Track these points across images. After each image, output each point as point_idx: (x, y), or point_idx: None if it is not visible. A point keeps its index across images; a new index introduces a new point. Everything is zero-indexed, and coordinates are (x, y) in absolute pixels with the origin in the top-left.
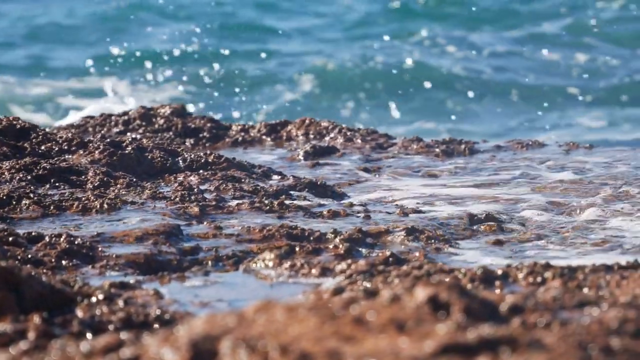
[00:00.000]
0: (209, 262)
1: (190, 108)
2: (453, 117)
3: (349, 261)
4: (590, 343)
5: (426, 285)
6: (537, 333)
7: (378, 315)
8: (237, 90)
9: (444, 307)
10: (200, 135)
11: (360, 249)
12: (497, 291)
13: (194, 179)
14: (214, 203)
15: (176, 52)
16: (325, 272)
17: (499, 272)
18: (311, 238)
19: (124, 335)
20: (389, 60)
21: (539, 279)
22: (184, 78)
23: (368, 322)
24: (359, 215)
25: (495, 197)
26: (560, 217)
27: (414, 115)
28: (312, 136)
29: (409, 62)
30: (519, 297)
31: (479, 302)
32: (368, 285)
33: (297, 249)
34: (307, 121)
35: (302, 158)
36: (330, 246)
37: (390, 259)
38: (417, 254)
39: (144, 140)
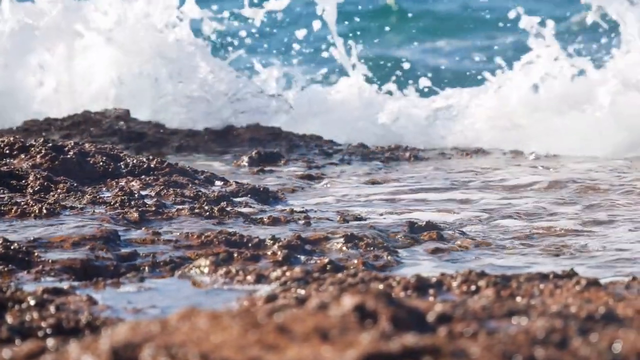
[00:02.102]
0: (146, 268)
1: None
2: None
3: (284, 268)
4: (515, 353)
5: (353, 293)
6: (462, 343)
7: (302, 323)
8: None
9: (371, 315)
10: (145, 140)
11: (298, 256)
12: (431, 299)
13: (135, 184)
14: (153, 209)
15: None
16: (261, 279)
17: (433, 280)
18: (250, 244)
19: (51, 342)
20: None
21: (473, 288)
22: None
23: (292, 331)
24: (299, 221)
25: (437, 205)
26: (502, 224)
27: None
28: (257, 142)
29: None
30: (447, 306)
31: (406, 310)
32: (302, 292)
33: (235, 255)
34: (253, 127)
35: (246, 164)
36: (269, 253)
37: (328, 266)
38: (355, 261)
39: (86, 145)
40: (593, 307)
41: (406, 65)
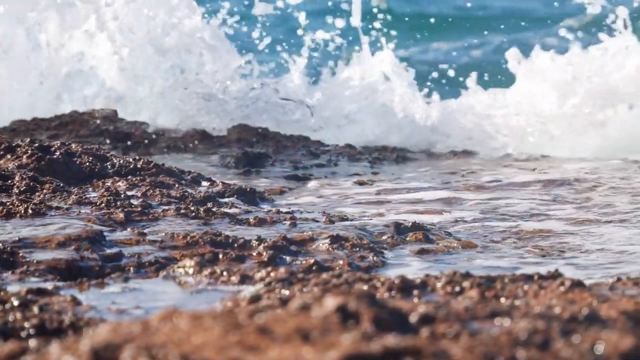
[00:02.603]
0: (131, 269)
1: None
2: None
3: (269, 269)
4: (497, 354)
5: (335, 294)
6: (444, 344)
7: (284, 324)
8: None
9: (353, 316)
10: (132, 140)
11: (284, 257)
12: (415, 300)
13: (121, 185)
14: (139, 209)
15: None
16: (245, 279)
17: (417, 281)
18: (235, 245)
19: (33, 343)
20: None
21: (457, 289)
22: None
23: (273, 332)
24: (285, 222)
25: (424, 206)
26: (489, 225)
27: None
28: (245, 142)
29: None
30: (430, 306)
31: (388, 311)
32: (286, 293)
33: (220, 256)
34: (240, 128)
35: (233, 164)
36: (254, 253)
37: (314, 266)
38: (340, 262)
39: (73, 145)
40: (576, 308)
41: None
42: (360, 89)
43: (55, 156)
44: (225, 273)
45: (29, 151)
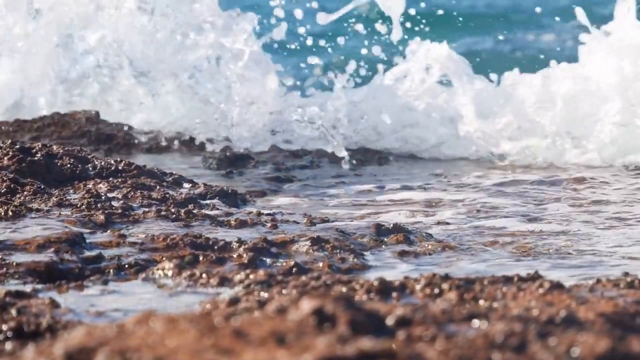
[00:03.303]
0: (111, 271)
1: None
2: None
3: (248, 271)
4: (472, 357)
5: (312, 297)
6: (419, 347)
7: (259, 327)
8: None
9: (329, 319)
10: (114, 142)
11: (264, 259)
12: (394, 302)
13: (102, 187)
14: (120, 211)
15: None
16: (224, 282)
17: (396, 283)
18: (216, 247)
19: (9, 346)
20: None
21: (436, 291)
22: None
23: (248, 335)
24: (266, 224)
25: (405, 208)
26: (471, 226)
27: None
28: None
29: None
30: (407, 309)
31: (365, 314)
32: (265, 295)
33: (200, 258)
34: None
35: (216, 166)
36: (235, 255)
37: (294, 269)
38: (321, 264)
39: (54, 147)
40: (554, 310)
41: None
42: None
43: (36, 158)
44: (204, 275)
45: (10, 153)
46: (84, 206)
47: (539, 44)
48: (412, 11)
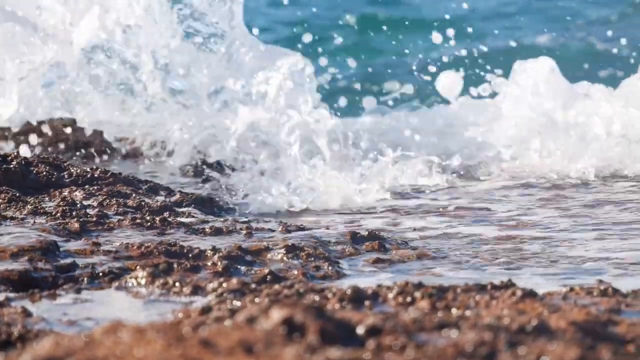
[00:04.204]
0: (85, 279)
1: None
2: None
3: (221, 279)
4: None
5: (282, 306)
6: (389, 356)
7: (227, 337)
8: None
9: (299, 328)
10: (91, 149)
11: (239, 267)
12: (366, 311)
13: (78, 194)
14: (95, 219)
15: None
16: (197, 290)
17: (369, 291)
18: (190, 255)
19: None
20: None
21: (409, 299)
22: None
23: (216, 345)
24: (241, 231)
25: (380, 215)
26: (446, 235)
27: None
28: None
29: None
30: (378, 318)
31: (335, 323)
32: (238, 304)
33: (175, 266)
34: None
35: (192, 173)
36: (209, 263)
37: (269, 277)
38: (295, 272)
39: (30, 154)
40: (525, 318)
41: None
42: None
43: (11, 166)
44: (177, 284)
45: None
46: (59, 214)
47: None
48: None
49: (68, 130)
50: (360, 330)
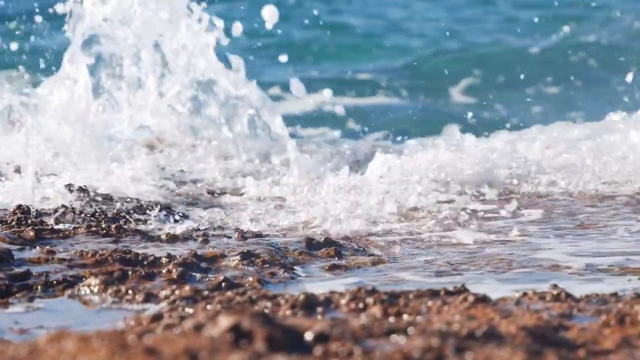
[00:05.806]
0: (38, 288)
1: None
2: None
3: (174, 287)
4: None
5: (230, 313)
6: None
7: (172, 345)
8: None
9: (246, 335)
10: None
11: (194, 274)
12: (319, 317)
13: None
14: (49, 227)
15: None
16: (150, 298)
17: (322, 298)
18: (145, 262)
19: None
20: None
21: (361, 305)
22: None
23: (161, 353)
24: (197, 239)
25: (336, 221)
26: (403, 241)
27: None
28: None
29: None
30: (326, 325)
31: (282, 330)
32: (190, 311)
33: (130, 273)
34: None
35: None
36: (164, 271)
37: (224, 283)
38: (250, 278)
39: None
40: (475, 324)
41: None
42: None
43: None
44: (130, 291)
45: None
46: (14, 222)
47: None
48: None
49: None
50: (308, 336)
